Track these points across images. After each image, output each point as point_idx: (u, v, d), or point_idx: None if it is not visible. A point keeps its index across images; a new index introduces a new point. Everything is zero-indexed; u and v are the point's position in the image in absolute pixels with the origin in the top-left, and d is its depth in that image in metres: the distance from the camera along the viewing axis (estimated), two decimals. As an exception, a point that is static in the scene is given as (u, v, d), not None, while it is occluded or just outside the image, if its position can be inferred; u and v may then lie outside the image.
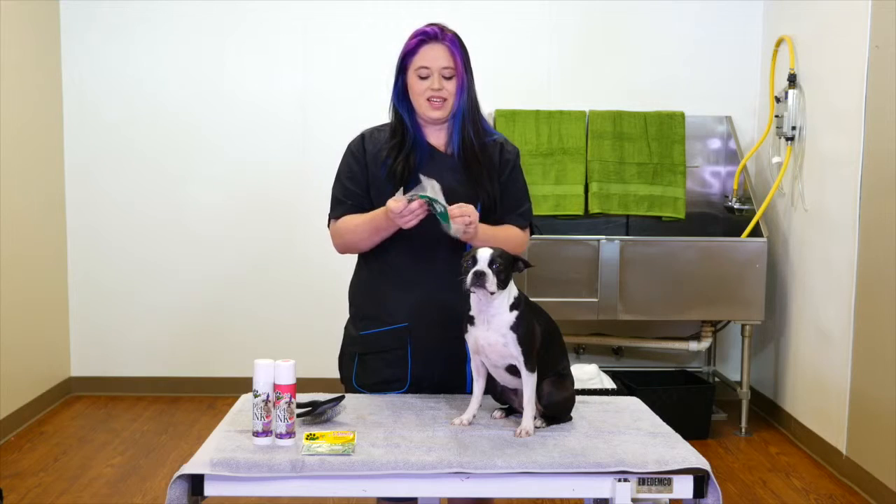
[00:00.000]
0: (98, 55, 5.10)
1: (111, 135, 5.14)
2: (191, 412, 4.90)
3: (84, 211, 5.16)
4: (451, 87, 2.48)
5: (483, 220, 2.46)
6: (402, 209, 2.31)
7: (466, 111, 2.51)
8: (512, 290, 2.22)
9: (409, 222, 2.34)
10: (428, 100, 2.48)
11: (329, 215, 2.58)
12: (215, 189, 5.15)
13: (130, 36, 5.10)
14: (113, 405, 5.02)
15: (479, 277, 2.15)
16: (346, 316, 2.64)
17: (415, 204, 2.31)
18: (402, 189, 2.36)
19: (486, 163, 2.53)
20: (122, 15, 5.08)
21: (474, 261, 2.17)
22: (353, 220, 2.51)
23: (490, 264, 2.16)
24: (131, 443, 4.39)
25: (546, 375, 2.26)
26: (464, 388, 2.53)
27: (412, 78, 2.50)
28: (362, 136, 2.58)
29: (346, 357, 2.61)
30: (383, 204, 2.39)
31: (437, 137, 2.56)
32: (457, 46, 2.50)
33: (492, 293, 2.17)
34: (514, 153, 2.61)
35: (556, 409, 2.30)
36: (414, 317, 2.49)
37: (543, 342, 2.26)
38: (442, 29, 2.52)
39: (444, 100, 2.48)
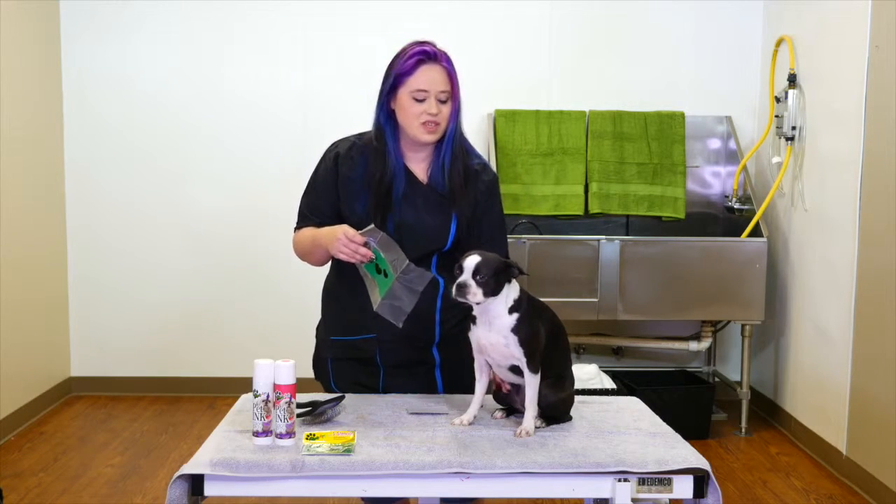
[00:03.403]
0: (98, 55, 5.10)
1: (111, 134, 5.14)
2: (191, 412, 4.89)
3: (84, 211, 5.15)
4: (446, 110, 2.41)
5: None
6: (352, 239, 2.27)
7: (457, 134, 2.45)
8: (511, 293, 2.21)
9: (342, 255, 2.30)
10: (422, 123, 2.40)
11: (294, 227, 2.56)
12: (215, 189, 5.15)
13: (130, 36, 5.10)
14: (113, 405, 5.02)
15: (461, 289, 2.14)
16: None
17: (364, 250, 2.29)
18: (372, 226, 2.32)
19: (469, 186, 2.47)
20: (121, 14, 5.08)
21: (461, 270, 2.16)
22: (304, 233, 2.50)
23: (474, 274, 2.14)
24: (131, 443, 4.39)
25: (547, 377, 2.26)
26: (435, 390, 2.56)
27: (405, 100, 2.40)
28: (336, 156, 2.49)
29: (321, 360, 2.62)
30: (351, 222, 2.37)
31: (417, 161, 2.49)
32: (452, 68, 2.42)
33: (477, 303, 2.16)
34: (493, 179, 2.55)
35: (554, 411, 2.30)
36: (381, 328, 2.48)
37: (547, 343, 2.26)
38: (436, 48, 2.43)
39: (438, 124, 2.41)
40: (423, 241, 2.44)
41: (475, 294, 2.14)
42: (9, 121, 4.46)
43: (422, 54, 2.39)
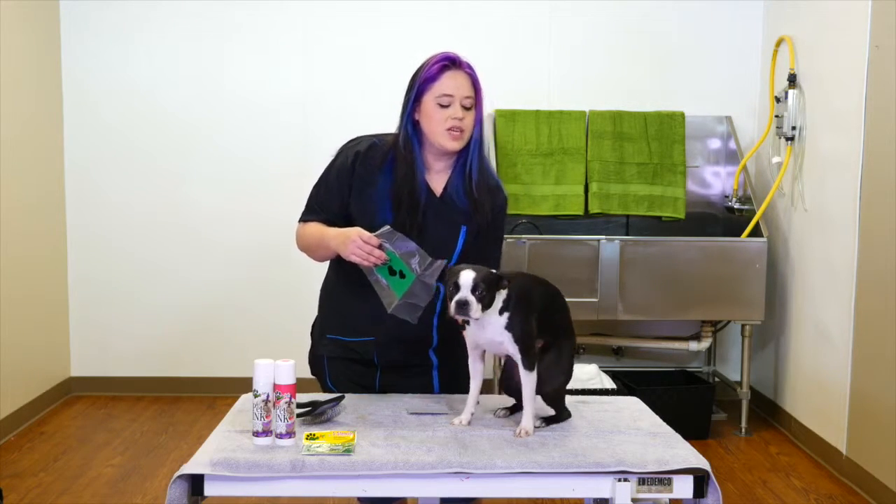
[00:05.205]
0: (98, 55, 5.10)
1: (111, 135, 5.14)
2: (191, 412, 4.89)
3: (84, 211, 5.16)
4: (470, 118, 2.40)
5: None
6: (368, 241, 2.26)
7: (481, 143, 2.44)
8: (499, 297, 2.19)
9: (355, 257, 2.29)
10: (448, 129, 2.38)
11: (300, 217, 2.54)
12: (215, 189, 5.15)
13: (130, 36, 5.10)
14: (113, 405, 5.02)
15: (463, 307, 2.12)
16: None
17: (379, 252, 2.28)
18: (388, 227, 2.31)
19: (486, 201, 2.47)
20: (122, 15, 5.08)
21: (457, 287, 2.13)
22: (311, 228, 2.47)
23: (473, 290, 2.12)
24: (131, 443, 4.39)
25: (547, 348, 2.26)
26: (432, 391, 2.56)
27: (430, 106, 2.38)
28: (356, 154, 2.46)
29: (317, 357, 2.61)
30: (359, 224, 2.36)
31: (435, 173, 2.47)
32: (476, 75, 2.42)
33: (476, 319, 2.15)
34: (505, 200, 2.55)
35: (550, 399, 2.29)
36: (379, 332, 2.48)
37: (545, 309, 2.26)
38: (459, 56, 2.42)
39: (463, 130, 2.39)
40: (429, 253, 2.43)
41: (476, 310, 2.12)
42: (9, 121, 4.46)
43: (446, 60, 2.40)
